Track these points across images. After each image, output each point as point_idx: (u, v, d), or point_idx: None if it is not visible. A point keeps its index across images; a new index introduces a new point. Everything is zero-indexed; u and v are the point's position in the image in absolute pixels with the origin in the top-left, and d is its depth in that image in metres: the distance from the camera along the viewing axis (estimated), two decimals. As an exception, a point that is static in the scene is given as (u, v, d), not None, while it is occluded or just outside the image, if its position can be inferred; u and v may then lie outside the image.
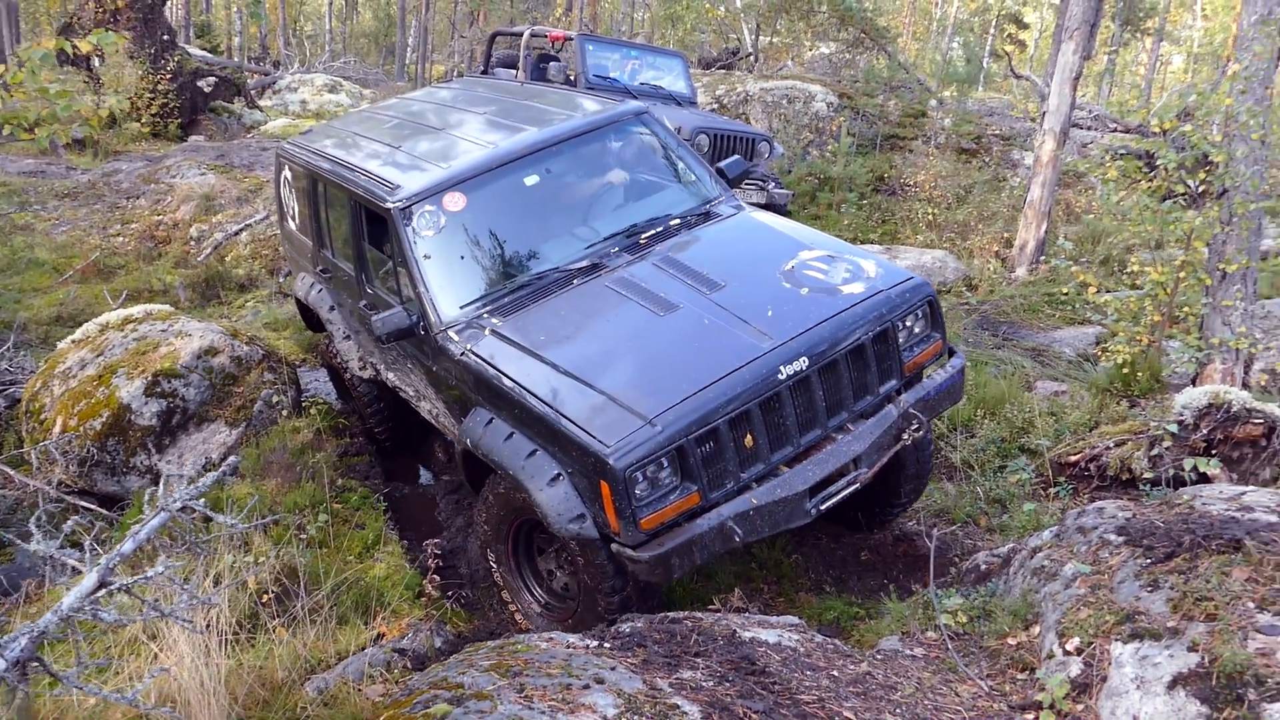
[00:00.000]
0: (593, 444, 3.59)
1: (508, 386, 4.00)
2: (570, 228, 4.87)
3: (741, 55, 18.81)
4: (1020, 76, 16.68)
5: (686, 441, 3.63)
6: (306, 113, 18.06)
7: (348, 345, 5.84)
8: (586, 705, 2.46)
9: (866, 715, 2.67)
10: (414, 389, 5.12)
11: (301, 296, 6.26)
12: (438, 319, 4.44)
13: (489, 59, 11.55)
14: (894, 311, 4.16)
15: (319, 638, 3.86)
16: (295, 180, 6.00)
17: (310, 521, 4.85)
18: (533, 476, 3.80)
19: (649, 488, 3.62)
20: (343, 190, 5.14)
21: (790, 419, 3.89)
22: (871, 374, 4.13)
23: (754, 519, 3.74)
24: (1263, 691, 2.53)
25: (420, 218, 4.56)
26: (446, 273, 4.54)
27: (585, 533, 3.71)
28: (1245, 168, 5.88)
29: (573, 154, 5.03)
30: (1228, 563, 3.08)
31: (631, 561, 3.62)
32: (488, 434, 4.08)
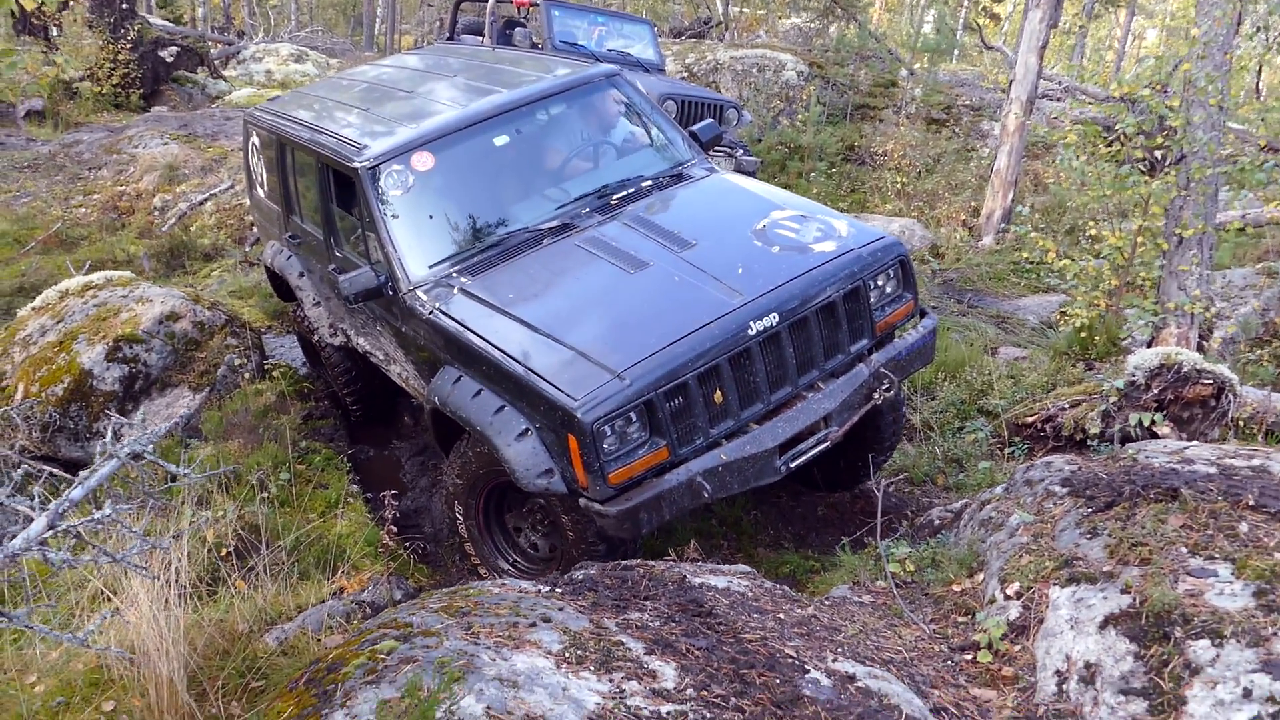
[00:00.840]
0: (560, 398, 3.60)
1: (476, 344, 4.00)
2: (540, 188, 4.87)
3: (713, 24, 18.74)
4: (991, 48, 16.75)
5: (655, 396, 3.64)
6: (272, 83, 17.82)
7: (318, 312, 5.77)
8: (532, 642, 2.51)
9: (808, 653, 2.74)
10: (384, 352, 5.12)
11: (271, 264, 6.18)
12: (406, 279, 4.42)
13: (454, 25, 11.46)
14: (865, 270, 4.18)
15: (280, 592, 3.89)
16: (263, 147, 5.93)
17: (273, 480, 4.87)
18: (500, 432, 3.81)
19: (617, 442, 3.63)
20: (310, 153, 5.10)
21: (760, 376, 3.92)
22: (842, 332, 4.16)
23: (723, 475, 3.77)
24: (1188, 629, 2.62)
25: (388, 177, 4.53)
26: (415, 233, 4.52)
27: (553, 487, 3.71)
28: (1202, 133, 5.96)
29: (543, 115, 5.01)
30: (1164, 511, 3.17)
31: (599, 516, 3.64)
32: (455, 392, 4.08)
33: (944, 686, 2.83)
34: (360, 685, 2.31)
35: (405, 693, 2.22)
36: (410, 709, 2.15)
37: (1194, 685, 2.47)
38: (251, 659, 3.35)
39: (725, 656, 2.65)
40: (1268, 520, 2.93)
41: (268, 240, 6.43)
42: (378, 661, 2.42)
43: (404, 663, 2.39)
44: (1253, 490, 3.10)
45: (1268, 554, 2.76)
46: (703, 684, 2.50)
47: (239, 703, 3.04)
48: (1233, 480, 3.23)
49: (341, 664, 2.47)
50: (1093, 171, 6.47)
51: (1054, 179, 11.68)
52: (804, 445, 4.03)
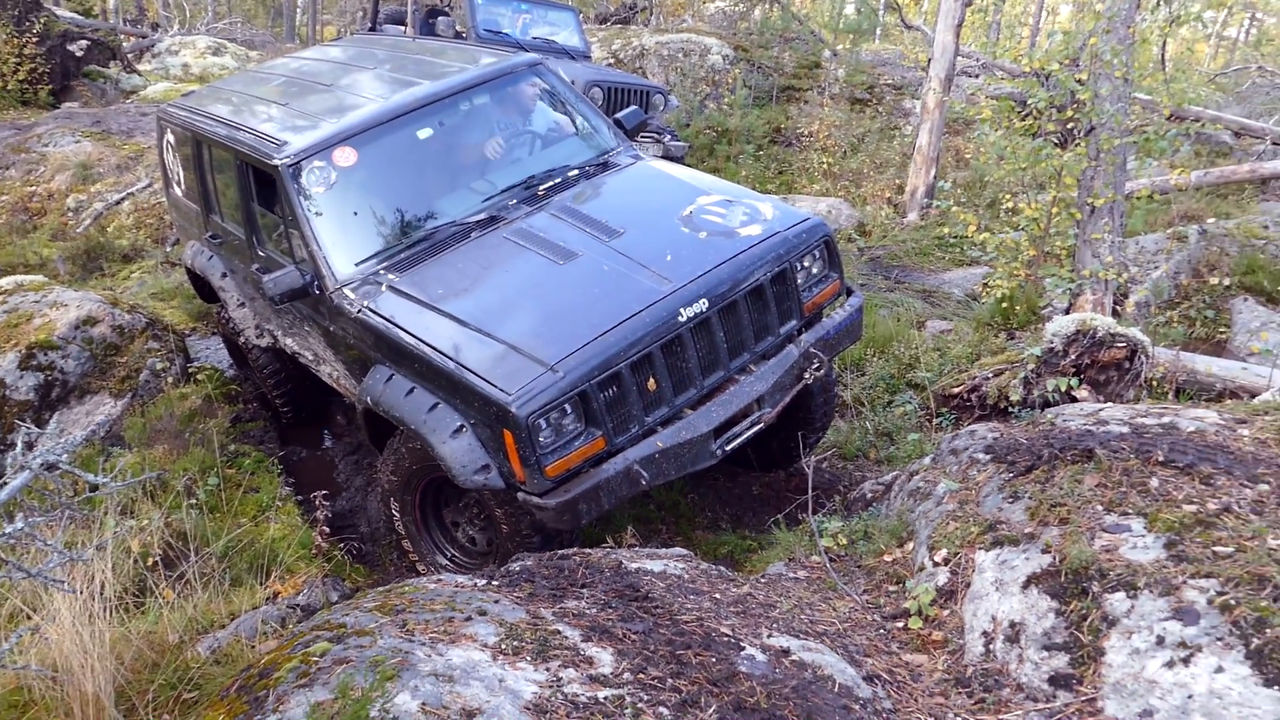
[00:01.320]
0: (494, 393, 3.58)
1: (407, 341, 3.95)
2: (466, 181, 4.82)
3: (639, 10, 18.70)
4: (911, 27, 17.01)
5: (589, 386, 3.64)
6: (189, 76, 17.34)
7: (242, 313, 5.64)
8: (468, 635, 2.51)
9: (744, 630, 2.78)
10: (313, 352, 5.04)
11: (191, 265, 6.00)
12: (332, 278, 4.35)
13: (376, 15, 11.26)
14: (791, 252, 4.24)
15: (211, 600, 3.81)
16: (179, 145, 5.76)
17: (201, 485, 4.76)
18: (435, 430, 3.78)
19: (553, 435, 3.62)
20: (229, 151, 4.98)
21: (692, 361, 3.94)
22: (771, 315, 4.20)
23: (660, 462, 3.79)
24: (1105, 584, 2.72)
25: (309, 174, 4.45)
26: (339, 230, 4.45)
27: (491, 483, 3.70)
28: (1110, 105, 6.14)
29: (466, 107, 4.97)
30: (1081, 471, 3.28)
31: (538, 510, 3.64)
32: (388, 391, 4.04)
33: (877, 654, 2.90)
34: (293, 689, 2.29)
35: (338, 694, 2.20)
36: (343, 709, 2.14)
37: (1111, 637, 2.57)
38: (183, 670, 3.28)
39: (662, 639, 2.68)
40: (1176, 475, 3.05)
41: (187, 240, 6.24)
42: (310, 664, 2.39)
43: (337, 664, 2.37)
44: (1162, 447, 3.21)
45: (1176, 507, 2.87)
46: (639, 667, 2.52)
47: (170, 715, 2.98)
48: (1144, 438, 3.35)
49: (274, 669, 2.44)
50: (1009, 146, 6.63)
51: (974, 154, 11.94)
52: (738, 428, 4.06)
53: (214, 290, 5.85)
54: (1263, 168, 10.51)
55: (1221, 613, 2.46)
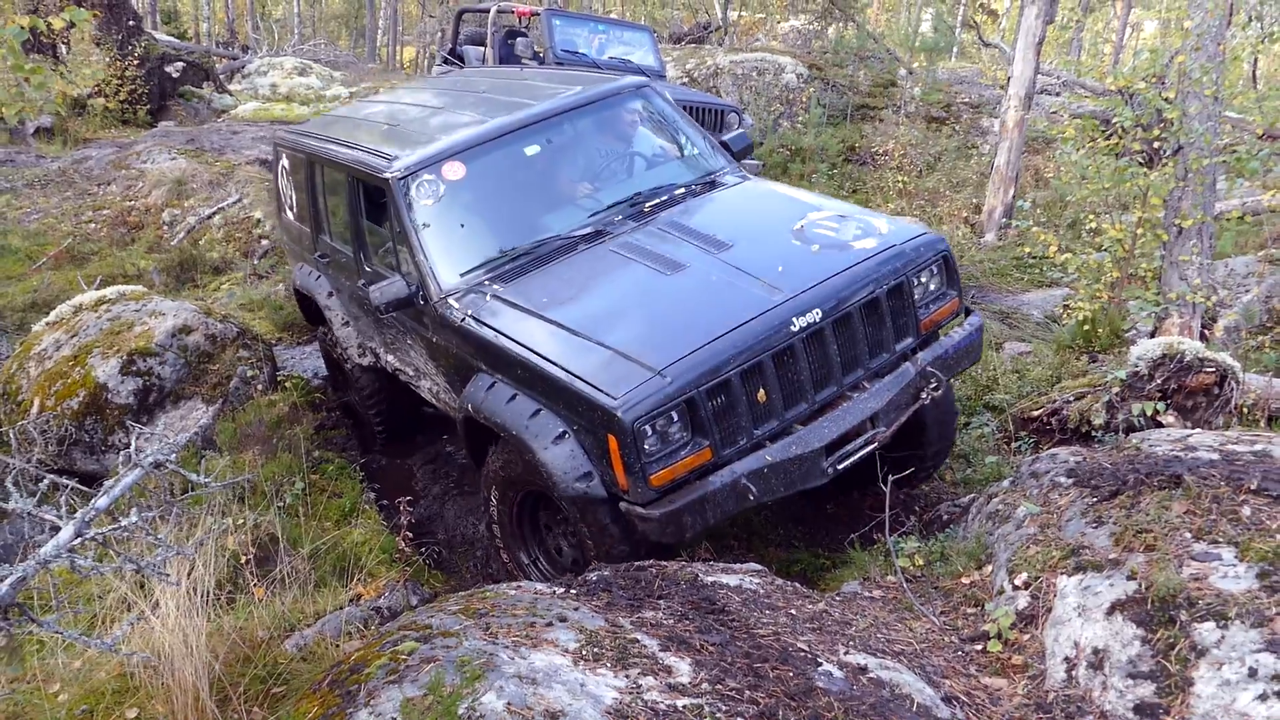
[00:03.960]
0: (599, 397, 3.50)
1: (510, 348, 3.94)
2: (572, 198, 4.86)
3: (712, 29, 18.82)
4: (989, 44, 16.79)
5: (697, 393, 3.53)
6: (276, 96, 17.95)
7: (346, 331, 5.73)
8: (549, 640, 2.57)
9: (820, 646, 2.79)
10: (413, 367, 5.07)
11: (299, 285, 6.17)
12: (437, 287, 4.38)
13: (456, 36, 11.54)
14: (908, 266, 4.10)
15: (298, 599, 3.95)
16: (293, 169, 5.95)
17: (288, 489, 4.93)
18: (536, 436, 3.72)
19: (659, 442, 3.51)
20: (341, 169, 5.12)
21: (804, 374, 3.81)
22: (887, 330, 4.06)
23: (769, 477, 3.64)
24: (1194, 612, 2.66)
25: (418, 187, 4.53)
26: (446, 241, 4.50)
27: (592, 492, 3.60)
28: (1199, 124, 6.00)
29: (573, 126, 5.02)
30: (1168, 498, 3.22)
31: (641, 520, 3.51)
32: (489, 398, 4.01)
33: (955, 676, 2.88)
34: (383, 685, 2.37)
35: (428, 690, 2.27)
36: (433, 705, 2.21)
37: (1200, 667, 2.51)
38: (272, 665, 3.41)
39: (739, 651, 2.70)
40: (1270, 504, 2.97)
41: (296, 263, 6.44)
42: (399, 662, 2.48)
43: (425, 662, 2.45)
44: (1255, 475, 3.14)
45: (1270, 536, 2.80)
46: (717, 678, 2.55)
47: (261, 708, 3.10)
48: (1235, 465, 3.27)
49: (364, 665, 2.53)
50: (1092, 165, 6.52)
51: (1054, 174, 11.73)
52: (851, 446, 3.89)
53: (320, 310, 5.98)
54: (1361, 189, 10.12)
55: (1318, 645, 2.39)
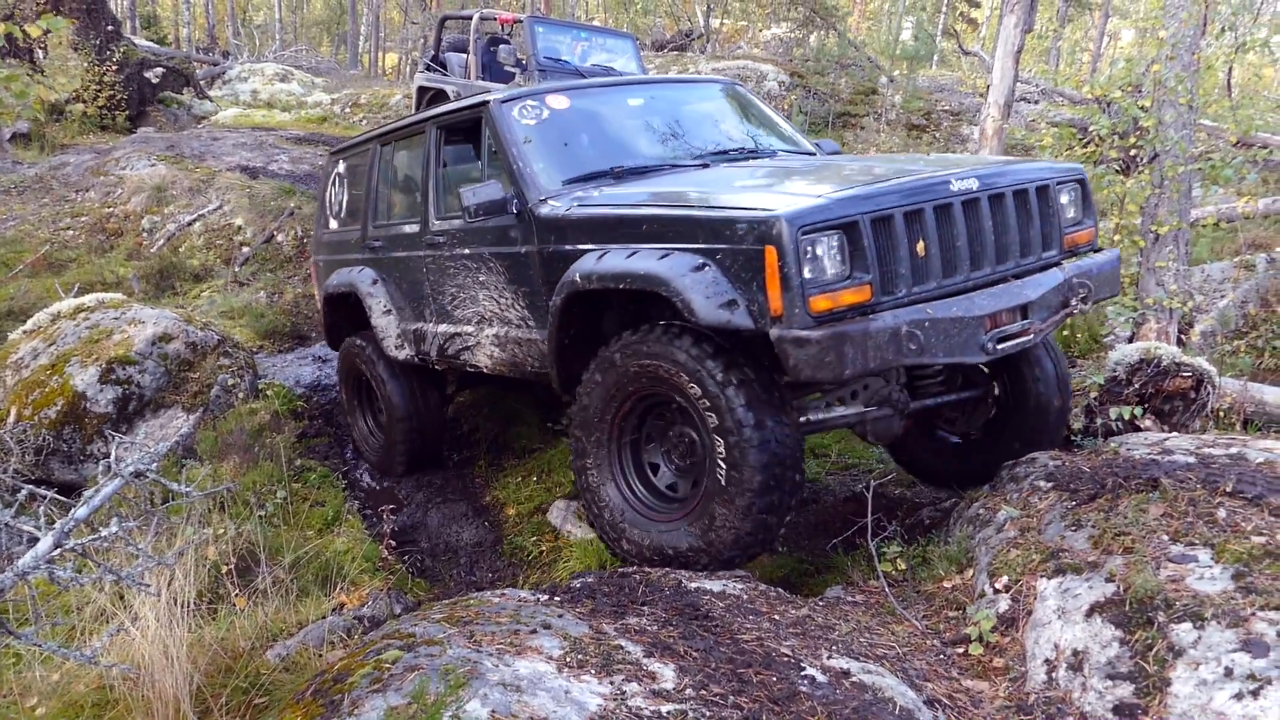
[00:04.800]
0: (755, 213, 3.26)
1: (634, 211, 3.77)
2: (675, 145, 4.82)
3: (695, 37, 18.89)
4: (969, 53, 16.95)
5: (861, 219, 3.26)
6: (257, 102, 17.90)
7: (386, 321, 5.49)
8: (533, 648, 2.57)
9: (804, 651, 2.81)
10: (476, 319, 4.81)
11: (336, 287, 5.92)
12: (536, 190, 4.26)
13: (439, 43, 11.54)
14: (1052, 174, 4.07)
15: (280, 609, 3.93)
16: (349, 171, 6.11)
17: (269, 498, 4.91)
18: (671, 269, 3.41)
19: (817, 268, 3.20)
20: (421, 127, 5.24)
21: (961, 243, 3.59)
22: (1035, 231, 3.92)
23: (930, 332, 3.30)
24: (1171, 614, 2.69)
25: (521, 109, 4.57)
26: (547, 154, 4.45)
27: (736, 320, 3.26)
28: (1174, 132, 6.08)
29: (675, 94, 5.21)
30: (1145, 500, 3.25)
31: (797, 346, 3.13)
32: (603, 262, 3.74)
33: (937, 679, 2.90)
34: (367, 694, 2.36)
35: (412, 699, 2.27)
36: (417, 714, 2.21)
37: (1177, 667, 2.54)
38: (254, 676, 3.39)
39: (723, 657, 2.71)
40: (1244, 505, 3.01)
41: (332, 273, 6.13)
42: (383, 670, 2.47)
43: (409, 671, 2.44)
44: (1230, 477, 3.18)
45: (1245, 538, 2.84)
46: (701, 684, 2.56)
47: (242, 719, 3.09)
48: (1211, 468, 3.31)
49: (347, 674, 2.52)
50: (1070, 173, 6.58)
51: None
52: (1010, 329, 3.59)
53: (357, 308, 5.75)
54: (1334, 195, 10.26)
55: (1292, 645, 2.43)
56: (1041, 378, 4.48)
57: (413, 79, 12.14)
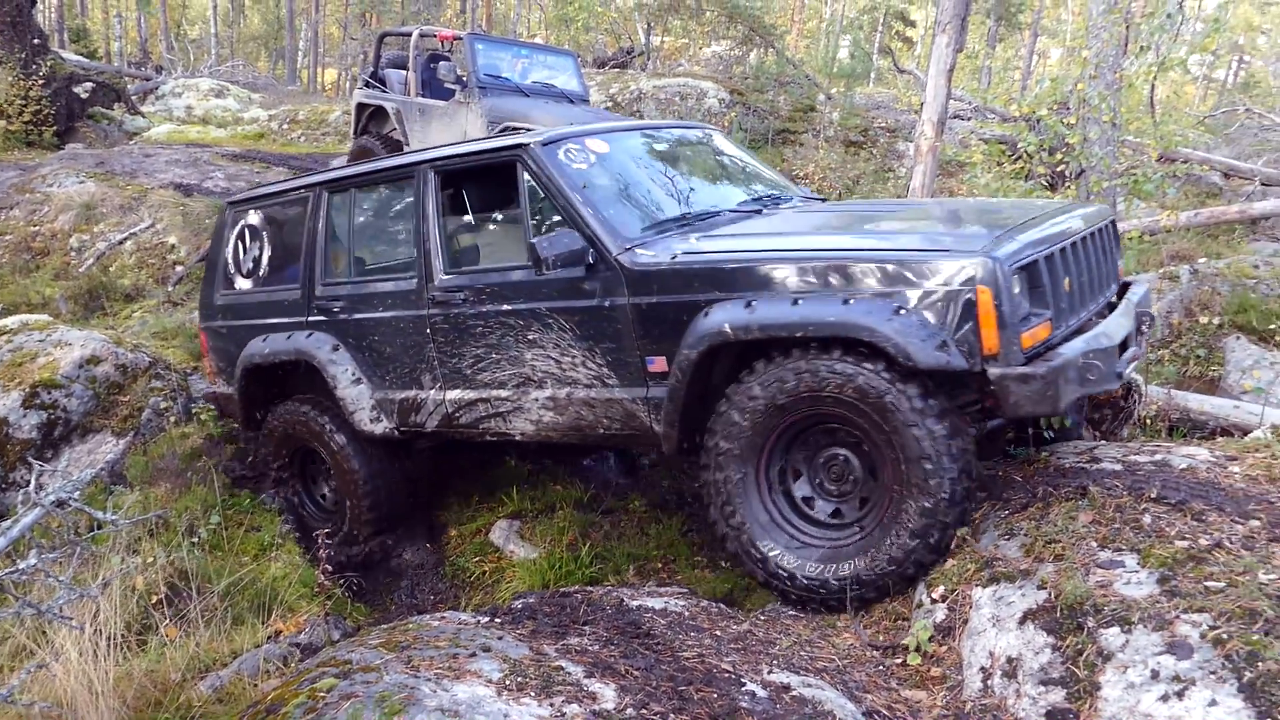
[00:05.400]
0: (954, 257, 3.25)
1: (782, 255, 3.63)
2: (714, 191, 4.79)
3: (636, 54, 19.02)
4: (904, 71, 17.30)
5: (1039, 258, 3.36)
6: (192, 118, 17.58)
7: (356, 391, 4.93)
8: (472, 671, 2.54)
9: (745, 666, 2.81)
10: (519, 380, 4.39)
11: (275, 355, 5.24)
12: (618, 239, 3.97)
13: (378, 59, 11.46)
14: (1110, 214, 4.27)
15: (214, 638, 3.84)
16: (270, 223, 5.51)
17: (202, 524, 4.80)
18: (869, 313, 3.32)
19: (1017, 307, 3.26)
20: (407, 171, 4.77)
21: (1085, 275, 3.75)
22: (1109, 265, 4.11)
23: (1095, 362, 3.36)
24: (1100, 619, 2.75)
25: (566, 151, 4.30)
26: (613, 200, 4.23)
27: (954, 363, 3.22)
28: (1099, 148, 6.28)
29: (682, 138, 5.11)
30: (1075, 508, 3.32)
31: (1021, 383, 3.17)
32: (760, 312, 3.56)
33: (876, 690, 2.93)
34: (300, 723, 2.31)
35: (345, 727, 2.23)
36: (351, 743, 2.17)
37: (1106, 671, 2.60)
38: (185, 708, 3.31)
39: (664, 675, 2.71)
40: (1169, 510, 3.10)
41: (246, 345, 5.42)
42: (317, 700, 2.42)
43: (344, 699, 2.40)
44: (1155, 484, 3.27)
45: (1169, 542, 2.92)
46: (642, 703, 2.55)
47: (174, 752, 3.00)
48: (1137, 475, 3.40)
49: (280, 705, 2.47)
50: (1000, 188, 6.76)
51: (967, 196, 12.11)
52: (1129, 354, 3.72)
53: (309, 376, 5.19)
54: (1252, 208, 10.65)
55: (1214, 647, 2.49)
56: None
57: (352, 95, 12.03)
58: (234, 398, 5.52)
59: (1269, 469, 3.38)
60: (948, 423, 3.34)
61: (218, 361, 5.70)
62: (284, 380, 5.50)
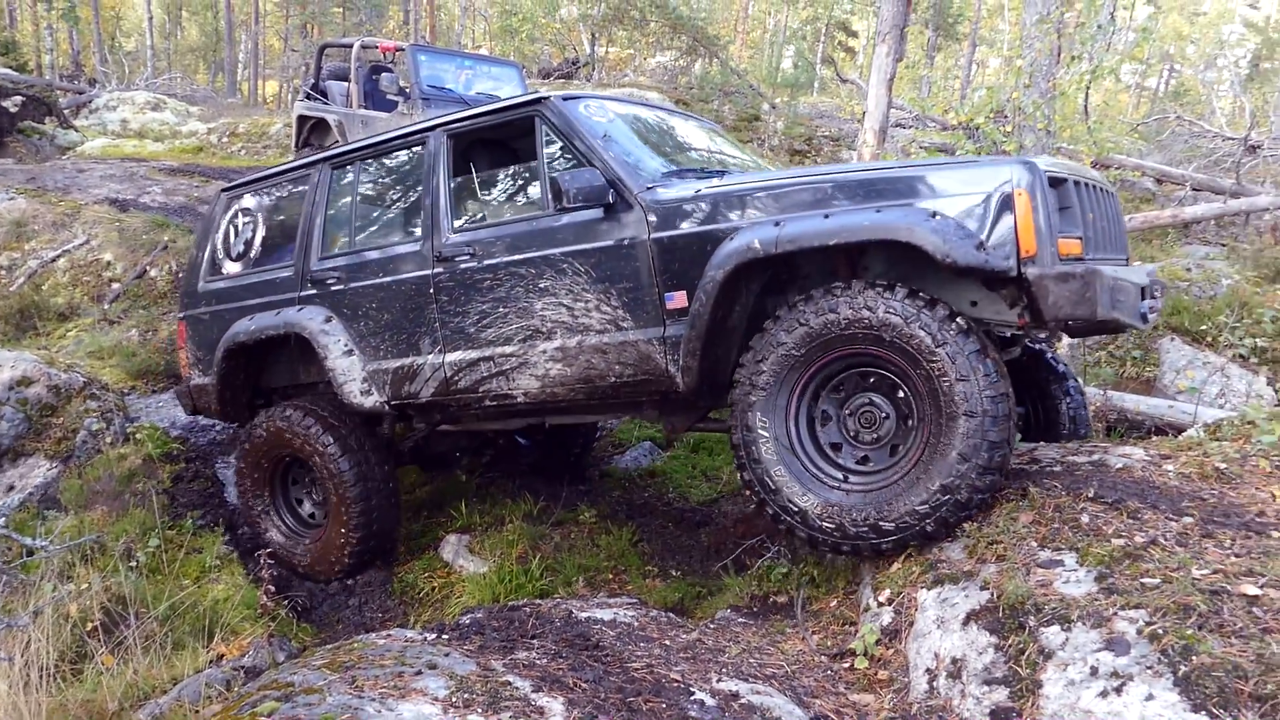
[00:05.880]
0: (987, 166, 3.38)
1: (809, 179, 3.70)
2: (722, 158, 4.90)
3: (581, 64, 19.04)
4: (846, 80, 17.53)
5: (1069, 176, 3.46)
6: (128, 132, 17.20)
7: (348, 363, 4.86)
8: (417, 689, 2.50)
9: (694, 675, 2.81)
10: (528, 332, 4.31)
11: (261, 331, 5.15)
12: (641, 178, 4.07)
13: (319, 71, 11.33)
14: None
15: (153, 665, 3.74)
16: (266, 206, 5.53)
17: (141, 547, 4.67)
18: (905, 218, 3.35)
19: (1051, 217, 3.31)
20: (421, 137, 4.77)
21: (1106, 223, 3.81)
22: (1121, 230, 4.13)
23: (1121, 291, 3.38)
24: (1041, 618, 2.80)
25: (586, 106, 4.43)
26: (630, 149, 4.31)
27: (992, 263, 3.24)
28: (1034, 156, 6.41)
29: (682, 118, 5.31)
30: (1016, 509, 3.38)
31: (1060, 283, 3.21)
32: (793, 227, 3.55)
33: (824, 695, 2.94)
34: (239, 749, 2.26)
35: (286, 752, 2.18)
36: (292, 768, 2.12)
37: (1048, 669, 2.64)
38: (124, 736, 3.22)
39: (612, 686, 2.70)
40: (1106, 509, 3.16)
41: (230, 328, 5.32)
42: (258, 724, 2.37)
43: (285, 722, 2.35)
44: (1092, 483, 3.34)
45: (1106, 541, 2.98)
46: (590, 716, 2.53)
47: (111, 784, 2.92)
48: (1075, 475, 3.47)
49: (220, 730, 2.41)
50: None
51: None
52: (1150, 304, 3.73)
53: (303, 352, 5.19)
54: (1184, 213, 10.97)
55: (1150, 642, 2.55)
56: (1073, 398, 4.63)
57: (293, 107, 11.87)
58: (209, 386, 5.43)
59: (1201, 467, 3.47)
60: (978, 341, 3.31)
61: (196, 351, 5.58)
62: (262, 370, 5.51)
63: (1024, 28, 6.80)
